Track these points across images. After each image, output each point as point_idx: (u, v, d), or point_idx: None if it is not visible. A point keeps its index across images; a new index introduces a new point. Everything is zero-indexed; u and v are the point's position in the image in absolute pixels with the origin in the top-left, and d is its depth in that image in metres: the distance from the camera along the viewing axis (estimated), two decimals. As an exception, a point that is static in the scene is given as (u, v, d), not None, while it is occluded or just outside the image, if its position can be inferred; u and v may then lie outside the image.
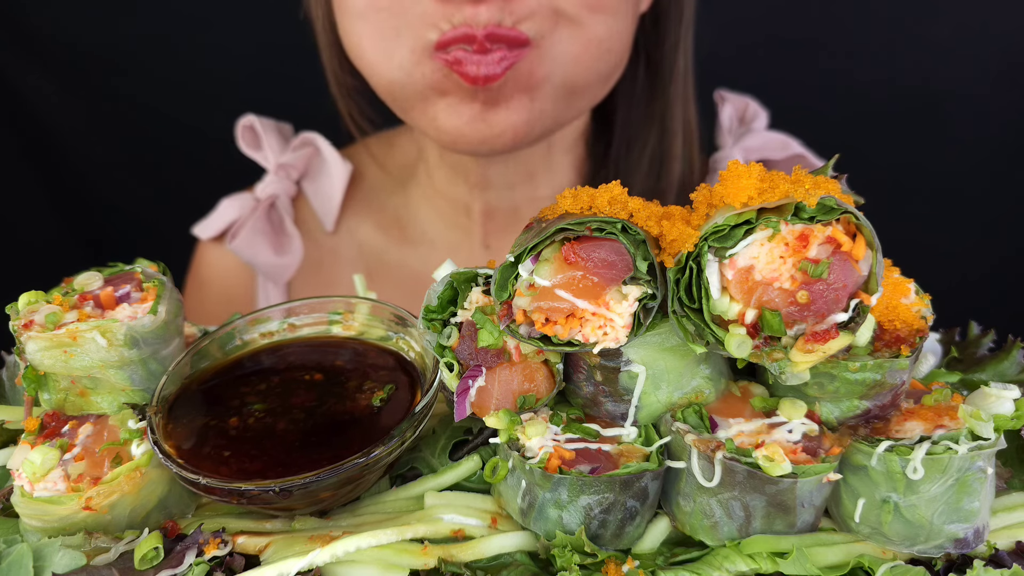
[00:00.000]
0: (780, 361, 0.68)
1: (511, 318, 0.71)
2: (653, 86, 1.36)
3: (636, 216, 0.70)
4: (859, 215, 0.66)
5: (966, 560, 0.72)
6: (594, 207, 0.71)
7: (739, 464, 0.69)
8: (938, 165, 2.00)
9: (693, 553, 0.74)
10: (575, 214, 0.70)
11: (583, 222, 0.68)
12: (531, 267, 0.69)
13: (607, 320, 0.70)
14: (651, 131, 1.38)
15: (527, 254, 0.69)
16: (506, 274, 0.70)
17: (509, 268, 0.70)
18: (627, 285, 0.69)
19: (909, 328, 0.72)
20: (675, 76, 1.35)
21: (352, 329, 0.87)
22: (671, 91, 1.36)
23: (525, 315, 0.71)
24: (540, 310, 0.70)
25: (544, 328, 0.70)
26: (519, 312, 0.70)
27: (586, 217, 0.69)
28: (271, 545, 0.73)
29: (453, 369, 0.74)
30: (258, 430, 0.77)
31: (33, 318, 0.78)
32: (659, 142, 1.37)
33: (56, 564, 0.70)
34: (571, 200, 0.71)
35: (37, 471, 0.74)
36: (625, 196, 0.71)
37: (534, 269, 0.69)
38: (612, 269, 0.69)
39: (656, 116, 1.37)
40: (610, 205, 0.71)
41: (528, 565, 0.73)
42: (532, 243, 0.69)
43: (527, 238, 0.71)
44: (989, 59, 1.89)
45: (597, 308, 0.69)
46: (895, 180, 1.96)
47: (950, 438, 0.70)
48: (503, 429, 0.73)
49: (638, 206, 0.71)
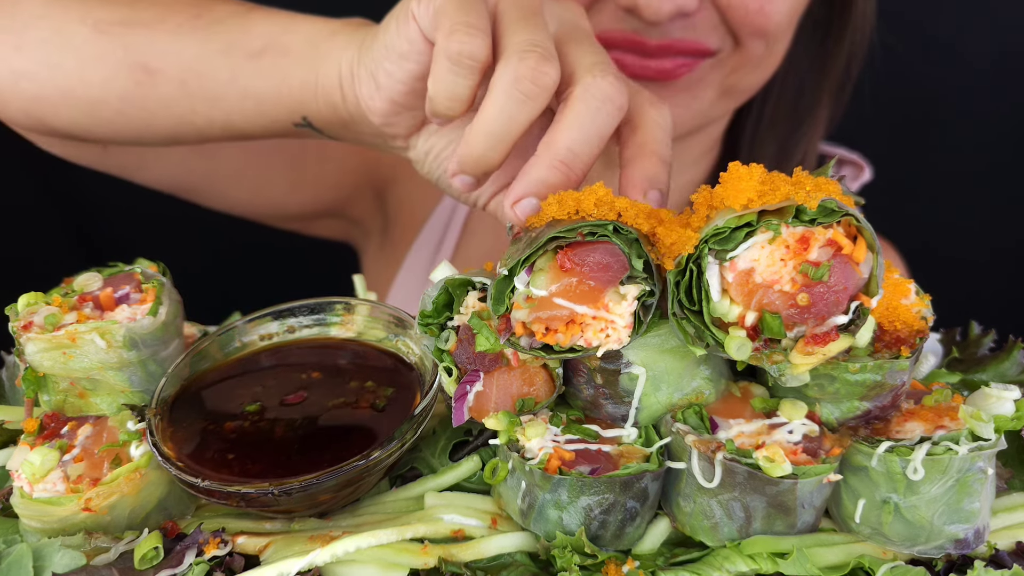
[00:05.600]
0: (780, 363, 0.68)
1: (510, 331, 0.70)
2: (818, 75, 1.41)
3: (624, 215, 0.70)
4: (860, 217, 0.66)
5: (966, 560, 0.72)
6: (581, 210, 0.70)
7: (739, 465, 0.69)
8: (938, 165, 2.00)
9: (693, 554, 0.74)
10: (563, 220, 0.70)
11: (574, 228, 0.68)
12: (526, 279, 0.69)
13: (608, 322, 0.69)
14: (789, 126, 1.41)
15: (520, 266, 0.69)
16: (501, 288, 0.69)
17: (504, 282, 0.69)
18: (624, 285, 0.69)
19: (909, 329, 0.72)
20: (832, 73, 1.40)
21: (351, 331, 0.87)
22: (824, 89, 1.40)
23: (524, 327, 0.70)
24: (539, 320, 0.69)
25: (545, 338, 0.70)
26: (518, 324, 0.70)
27: (576, 223, 0.69)
28: (271, 545, 0.73)
29: (451, 374, 0.73)
30: (257, 432, 0.77)
31: (32, 319, 0.78)
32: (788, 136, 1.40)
33: (56, 564, 0.70)
34: (556, 206, 0.71)
35: (36, 472, 0.74)
36: (611, 196, 0.71)
37: (530, 280, 0.69)
38: (608, 271, 0.69)
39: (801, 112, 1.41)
40: (597, 207, 0.70)
41: (528, 566, 0.73)
42: (525, 255, 0.68)
43: (518, 249, 0.70)
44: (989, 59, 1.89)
45: (597, 312, 0.69)
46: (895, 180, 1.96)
47: (950, 439, 0.70)
48: (503, 430, 0.73)
49: (625, 205, 0.71)
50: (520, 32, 0.76)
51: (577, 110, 0.74)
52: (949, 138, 1.98)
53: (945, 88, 1.93)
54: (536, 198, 0.74)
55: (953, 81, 1.92)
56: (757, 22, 1.15)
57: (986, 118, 1.95)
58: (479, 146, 0.76)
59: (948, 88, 1.93)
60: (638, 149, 0.80)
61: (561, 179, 0.74)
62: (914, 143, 1.97)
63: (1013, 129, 1.95)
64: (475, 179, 0.80)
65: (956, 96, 1.94)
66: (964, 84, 1.92)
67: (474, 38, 0.75)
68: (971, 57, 1.90)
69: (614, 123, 0.76)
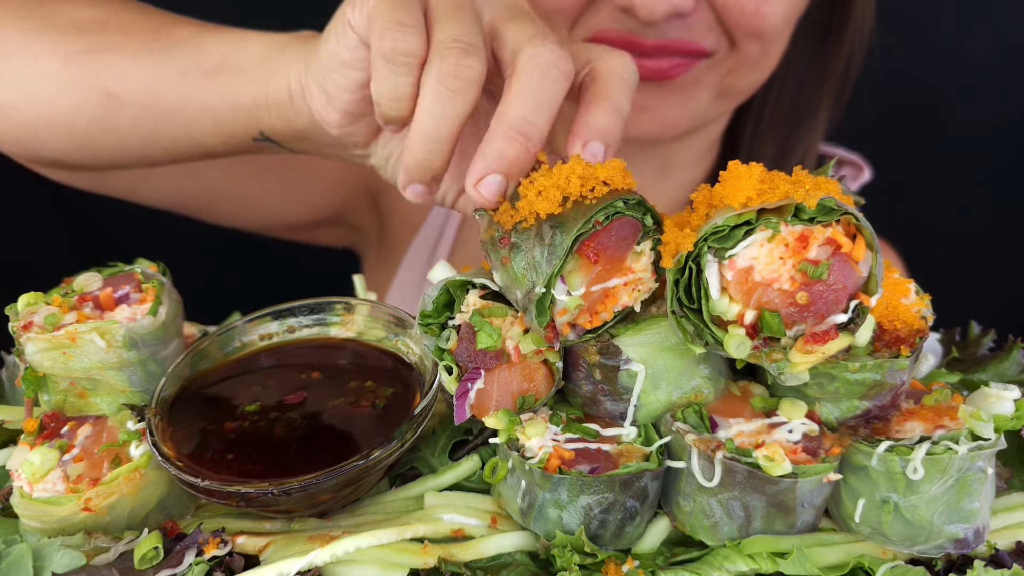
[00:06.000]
0: (779, 362, 0.68)
1: (558, 335, 0.72)
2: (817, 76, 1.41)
3: (612, 182, 0.70)
4: (859, 216, 0.66)
5: (966, 560, 0.72)
6: (569, 195, 0.70)
7: (739, 464, 0.69)
8: (939, 165, 2.00)
9: (693, 553, 0.73)
10: (556, 212, 0.69)
11: (589, 219, 0.68)
12: (565, 288, 0.70)
13: (635, 281, 0.72)
14: (789, 126, 1.41)
15: (555, 279, 0.69)
16: (541, 305, 0.70)
17: (543, 299, 0.70)
18: (640, 244, 0.71)
19: (909, 328, 0.72)
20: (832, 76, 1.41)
21: (351, 331, 0.87)
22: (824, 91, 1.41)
23: (570, 326, 0.72)
24: (583, 312, 0.71)
25: (591, 323, 0.72)
26: (564, 327, 0.72)
27: (586, 213, 0.68)
28: (271, 545, 0.73)
29: (452, 372, 0.73)
30: (257, 432, 0.77)
31: (32, 319, 0.78)
32: (788, 137, 1.41)
33: (56, 564, 0.70)
34: (544, 201, 0.70)
35: (36, 472, 0.74)
36: (592, 168, 0.71)
37: (568, 289, 0.70)
38: (626, 240, 0.71)
39: (802, 112, 1.41)
40: (583, 184, 0.70)
41: (528, 565, 0.73)
42: (556, 267, 0.69)
43: (535, 262, 0.70)
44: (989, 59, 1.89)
45: (626, 278, 0.71)
46: (895, 181, 1.96)
47: (950, 438, 0.70)
48: (503, 429, 0.73)
49: (607, 172, 0.71)
50: (445, 28, 0.75)
51: (522, 80, 0.74)
52: (949, 138, 1.98)
53: (945, 89, 1.93)
54: (499, 174, 0.72)
55: (953, 82, 1.93)
56: (753, 23, 1.15)
57: (986, 118, 1.95)
58: (419, 151, 0.76)
59: (948, 89, 1.93)
60: (591, 98, 0.78)
61: (519, 150, 0.73)
62: (914, 144, 1.98)
63: (1013, 129, 1.95)
64: (426, 186, 0.80)
65: (956, 97, 1.94)
66: (964, 84, 1.92)
67: (407, 35, 0.74)
68: (971, 58, 1.90)
69: (562, 89, 0.75)
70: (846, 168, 1.52)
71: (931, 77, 1.91)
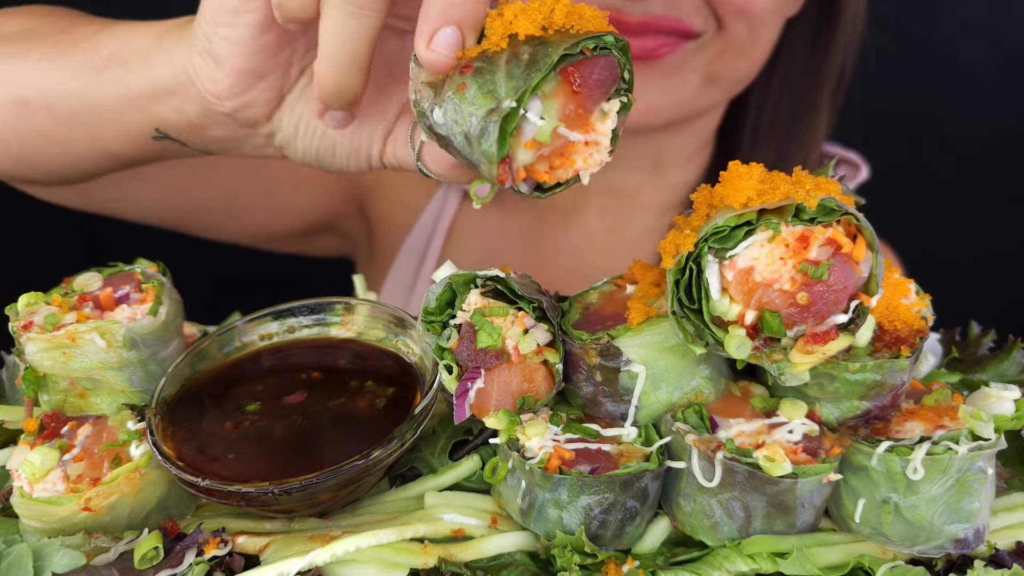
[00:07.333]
0: (780, 362, 0.68)
1: (512, 176, 0.64)
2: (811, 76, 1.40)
3: (595, 22, 0.64)
4: (860, 217, 0.66)
5: (966, 560, 0.72)
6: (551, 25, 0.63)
7: (739, 464, 0.69)
8: (939, 166, 2.00)
9: (693, 553, 0.74)
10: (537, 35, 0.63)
11: (578, 43, 0.62)
12: (540, 109, 0.62)
13: (593, 144, 0.66)
14: (789, 125, 1.41)
15: (529, 95, 0.61)
16: (504, 129, 0.62)
17: (511, 117, 0.61)
18: (608, 102, 0.66)
19: (909, 328, 0.72)
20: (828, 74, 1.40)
21: (351, 330, 0.87)
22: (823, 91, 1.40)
23: (526, 171, 0.65)
24: (542, 158, 0.65)
25: (546, 176, 0.65)
26: (519, 171, 0.64)
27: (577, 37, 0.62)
28: (271, 545, 0.73)
29: (452, 371, 0.73)
30: (257, 432, 0.77)
31: (32, 319, 0.78)
32: (787, 142, 1.40)
33: (56, 564, 0.70)
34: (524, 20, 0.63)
35: (36, 472, 0.74)
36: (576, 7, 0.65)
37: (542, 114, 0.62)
38: (600, 88, 0.64)
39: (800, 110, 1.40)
40: (568, 18, 0.64)
41: (528, 565, 0.73)
42: (533, 81, 0.60)
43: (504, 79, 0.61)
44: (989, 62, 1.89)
45: (587, 136, 0.65)
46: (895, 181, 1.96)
47: (950, 438, 0.70)
48: (503, 429, 0.73)
49: (590, 12, 0.65)
50: None
51: None
52: (949, 139, 1.98)
53: (945, 90, 1.93)
54: (451, 26, 0.64)
55: (953, 83, 1.93)
56: (739, 2, 1.15)
57: (986, 120, 1.95)
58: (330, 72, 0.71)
59: (948, 90, 1.93)
60: None
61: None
62: (914, 144, 1.98)
63: (1013, 131, 1.95)
64: (346, 112, 0.75)
65: (956, 98, 1.94)
66: (964, 86, 1.92)
67: None
68: (971, 60, 1.90)
69: None
70: (843, 167, 1.52)
71: (931, 78, 1.91)
